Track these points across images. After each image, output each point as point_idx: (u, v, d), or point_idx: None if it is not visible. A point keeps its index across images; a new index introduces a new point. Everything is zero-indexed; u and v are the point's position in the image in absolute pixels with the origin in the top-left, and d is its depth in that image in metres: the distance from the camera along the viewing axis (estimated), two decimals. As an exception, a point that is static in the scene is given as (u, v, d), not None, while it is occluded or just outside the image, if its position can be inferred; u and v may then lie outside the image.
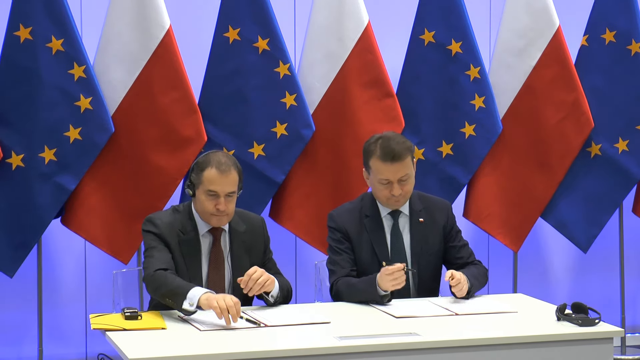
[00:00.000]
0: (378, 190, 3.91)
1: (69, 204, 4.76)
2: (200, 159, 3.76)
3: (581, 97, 5.22)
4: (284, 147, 4.93)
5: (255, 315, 3.52)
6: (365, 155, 3.93)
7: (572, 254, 5.74)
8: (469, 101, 5.16)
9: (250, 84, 4.89)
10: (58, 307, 5.04)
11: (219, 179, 3.69)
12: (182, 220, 3.79)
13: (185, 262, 3.74)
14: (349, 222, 3.99)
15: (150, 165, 4.77)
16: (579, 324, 3.42)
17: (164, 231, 3.74)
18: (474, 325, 3.47)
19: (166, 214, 3.83)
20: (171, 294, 3.51)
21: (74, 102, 4.64)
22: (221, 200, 3.69)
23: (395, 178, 3.85)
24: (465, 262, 4.02)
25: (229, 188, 3.71)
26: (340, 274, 3.90)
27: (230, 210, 3.74)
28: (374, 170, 3.89)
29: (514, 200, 5.30)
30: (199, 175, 3.72)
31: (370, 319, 3.57)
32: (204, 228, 3.79)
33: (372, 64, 5.01)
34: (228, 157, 3.76)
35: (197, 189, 3.73)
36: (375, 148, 3.88)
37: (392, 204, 3.94)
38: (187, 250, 3.75)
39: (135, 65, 4.73)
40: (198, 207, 3.76)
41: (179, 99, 4.75)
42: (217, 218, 3.73)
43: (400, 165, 3.85)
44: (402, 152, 3.85)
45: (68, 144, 4.65)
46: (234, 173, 3.73)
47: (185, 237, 3.76)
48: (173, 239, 3.74)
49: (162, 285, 3.55)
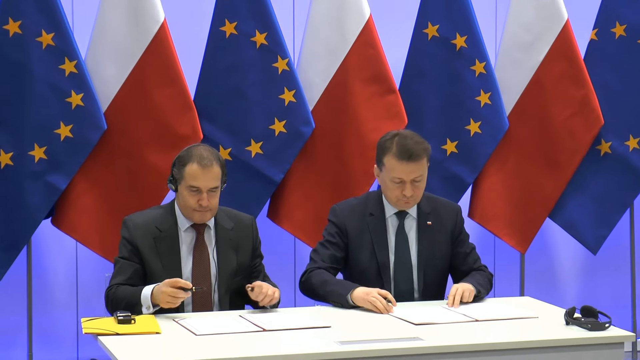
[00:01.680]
0: (389, 189, 3.91)
1: (59, 204, 4.76)
2: (182, 154, 3.79)
3: (590, 93, 5.22)
4: (283, 145, 4.93)
5: (254, 319, 3.52)
6: (380, 151, 3.93)
7: (581, 255, 5.74)
8: (474, 97, 5.16)
9: (248, 80, 4.89)
10: (48, 311, 5.04)
11: (201, 174, 3.72)
12: (162, 217, 3.82)
13: (162, 260, 3.76)
14: (351, 218, 3.99)
15: (144, 164, 4.77)
16: (589, 329, 3.42)
17: (135, 233, 3.77)
18: (480, 330, 3.48)
19: (144, 212, 3.88)
20: (129, 306, 3.58)
21: (65, 98, 4.64)
22: (204, 196, 3.72)
23: (409, 178, 3.85)
24: (470, 268, 4.02)
25: (211, 183, 3.73)
26: (318, 265, 3.94)
27: (213, 205, 3.76)
28: (387, 167, 3.89)
29: (520, 200, 5.30)
30: (180, 170, 3.75)
31: (371, 323, 3.58)
32: (186, 223, 3.81)
33: (373, 59, 5.01)
34: (210, 150, 3.79)
35: (179, 184, 3.76)
36: (391, 145, 3.88)
37: (401, 205, 3.94)
38: (164, 247, 3.78)
39: (128, 60, 4.73)
40: (180, 202, 3.79)
41: (173, 95, 4.75)
42: (200, 214, 3.75)
43: (416, 166, 3.85)
44: (420, 152, 3.86)
45: (59, 142, 4.65)
46: (216, 167, 3.75)
47: (163, 233, 3.78)
48: (146, 239, 3.77)
49: (117, 302, 3.64)
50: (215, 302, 3.81)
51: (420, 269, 3.97)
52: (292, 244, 5.35)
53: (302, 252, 5.34)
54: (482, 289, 3.89)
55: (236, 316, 3.60)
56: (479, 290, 3.85)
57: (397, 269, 3.97)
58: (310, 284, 3.89)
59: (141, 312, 3.55)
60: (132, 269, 3.76)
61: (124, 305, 3.60)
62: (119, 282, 3.72)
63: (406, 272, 3.97)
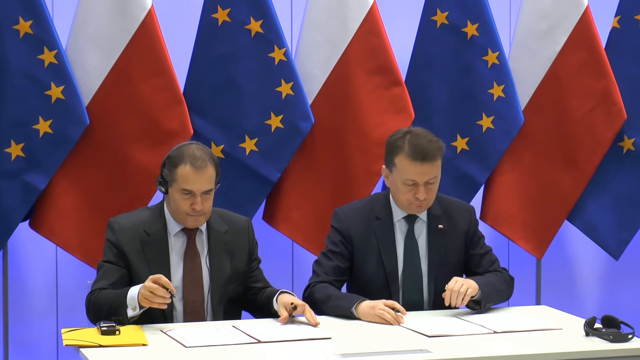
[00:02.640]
0: (400, 192, 3.88)
1: (38, 206, 4.75)
2: (172, 153, 3.77)
3: (612, 85, 5.22)
4: (280, 141, 4.92)
5: (248, 329, 3.51)
6: (390, 150, 3.90)
7: (601, 261, 5.74)
8: (487, 90, 5.16)
9: (242, 71, 4.89)
10: (26, 321, 5.03)
11: (195, 176, 3.70)
12: (150, 219, 3.81)
13: (150, 266, 3.75)
14: (355, 224, 3.97)
15: (130, 162, 4.76)
16: (610, 340, 3.41)
17: (121, 237, 3.76)
18: (495, 343, 3.47)
19: (131, 214, 3.87)
20: (113, 309, 3.56)
21: (44, 91, 4.63)
22: (197, 200, 3.70)
23: (422, 180, 3.83)
24: (485, 271, 4.00)
25: (205, 186, 3.72)
26: (321, 278, 3.92)
27: (207, 209, 3.75)
28: (399, 168, 3.86)
29: (536, 202, 5.29)
30: (171, 171, 3.73)
31: (376, 334, 3.57)
32: (176, 227, 3.80)
33: (378, 49, 5.01)
34: (203, 149, 3.78)
35: (171, 186, 3.74)
36: (403, 144, 3.85)
37: (413, 209, 3.92)
38: (152, 252, 3.77)
39: (112, 50, 4.72)
40: (172, 206, 3.78)
41: (161, 87, 4.75)
42: (193, 218, 3.74)
43: (430, 167, 3.83)
44: (434, 152, 3.84)
45: (37, 138, 4.64)
46: (210, 168, 3.74)
47: (151, 237, 3.77)
48: (133, 243, 3.76)
49: (100, 307, 3.61)
50: (208, 311, 3.80)
51: (431, 278, 3.95)
52: (290, 248, 5.35)
53: (300, 257, 5.34)
54: (490, 291, 3.85)
55: (229, 327, 3.59)
56: (483, 293, 3.81)
57: (405, 278, 3.96)
58: (313, 300, 3.87)
59: (126, 314, 3.53)
60: (118, 274, 3.74)
61: (108, 309, 3.58)
62: (102, 286, 3.71)
63: (416, 282, 3.96)
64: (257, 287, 3.90)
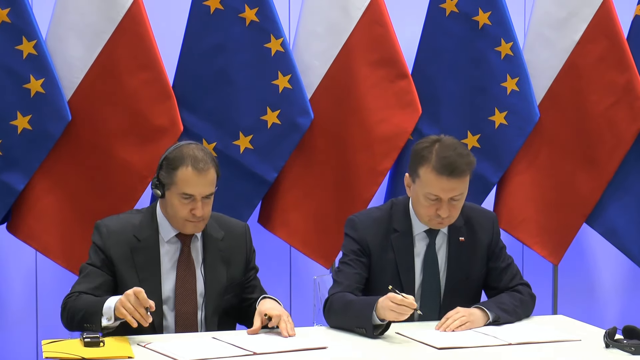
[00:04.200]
0: (421, 206, 3.86)
1: (16, 208, 4.76)
2: (171, 154, 3.76)
3: (634, 78, 5.23)
4: (276, 138, 4.93)
5: (241, 341, 3.52)
6: (415, 160, 3.86)
7: (623, 267, 5.75)
8: (500, 83, 5.17)
9: (236, 63, 4.89)
10: (3, 331, 5.04)
11: (196, 179, 3.70)
12: (140, 224, 3.81)
13: (139, 274, 3.75)
14: (373, 235, 3.95)
15: (115, 160, 4.77)
16: (632, 352, 3.42)
17: (108, 242, 3.76)
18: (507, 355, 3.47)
19: (119, 217, 3.86)
20: (87, 315, 3.55)
21: (22, 84, 4.64)
22: (198, 205, 3.70)
23: (446, 197, 3.80)
24: (506, 287, 3.99)
25: (207, 189, 3.72)
26: (342, 288, 3.88)
27: (207, 214, 3.75)
28: (423, 181, 3.83)
29: (553, 203, 5.30)
30: (170, 174, 3.72)
31: (375, 345, 3.57)
32: (169, 233, 3.80)
33: (382, 39, 5.02)
34: (204, 150, 3.77)
35: (168, 190, 3.74)
36: (429, 155, 3.81)
37: (434, 225, 3.90)
38: (142, 259, 3.77)
39: (96, 40, 4.73)
40: (169, 211, 3.77)
41: (149, 80, 4.75)
42: (193, 225, 3.74)
43: (457, 183, 3.80)
44: (463, 168, 3.80)
45: (15, 135, 4.64)
46: (211, 171, 3.74)
47: (141, 243, 3.78)
48: (122, 249, 3.76)
49: (75, 311, 3.60)
50: (201, 323, 3.80)
51: (448, 294, 3.94)
52: (287, 254, 5.35)
53: (298, 264, 5.34)
54: (506, 315, 3.85)
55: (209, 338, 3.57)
56: (497, 316, 3.82)
57: (422, 293, 3.95)
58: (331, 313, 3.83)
59: (100, 323, 3.52)
60: (102, 279, 3.74)
61: (82, 315, 3.58)
62: (82, 290, 3.70)
63: (433, 297, 3.95)
64: (253, 299, 3.89)
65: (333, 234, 4.97)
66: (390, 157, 5.04)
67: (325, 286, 4.09)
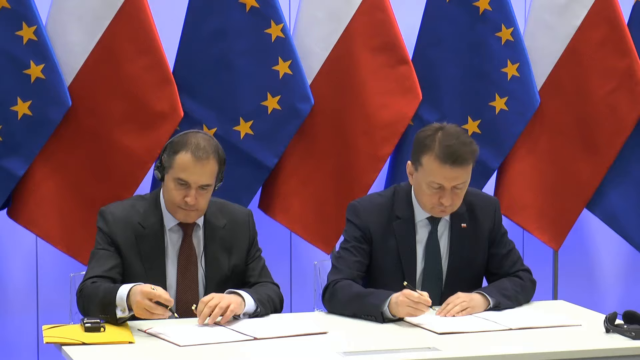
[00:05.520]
0: (424, 194, 3.86)
1: (16, 193, 4.76)
2: (176, 139, 3.76)
3: (635, 63, 5.22)
4: (277, 124, 4.93)
5: (242, 326, 3.52)
6: (418, 148, 3.85)
7: (623, 253, 5.75)
8: (500, 69, 5.16)
9: (236, 49, 4.89)
10: (4, 317, 5.04)
11: (193, 166, 3.69)
12: (145, 211, 3.80)
13: (144, 263, 3.75)
14: (375, 221, 3.95)
15: (115, 146, 4.77)
16: (632, 337, 3.42)
17: (114, 228, 3.76)
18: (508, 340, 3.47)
19: (124, 204, 3.85)
20: (101, 305, 3.52)
21: (22, 70, 4.63)
22: (192, 193, 3.69)
23: (449, 185, 3.80)
24: (506, 273, 4.00)
25: (203, 179, 3.70)
26: (343, 275, 3.88)
27: (201, 205, 3.73)
28: (425, 169, 3.82)
29: (554, 189, 5.30)
30: (170, 157, 3.73)
31: (374, 330, 3.58)
32: (172, 221, 3.79)
33: (382, 24, 5.01)
34: (209, 140, 3.75)
35: (167, 173, 3.74)
36: (432, 143, 3.80)
37: (436, 213, 3.90)
38: (147, 247, 3.77)
39: (96, 26, 4.72)
40: (165, 195, 3.78)
41: (149, 66, 4.75)
42: (184, 212, 3.73)
43: (460, 171, 3.79)
44: (466, 156, 3.79)
45: (15, 121, 4.64)
46: (212, 162, 3.72)
47: (146, 231, 3.77)
48: (127, 236, 3.76)
49: (90, 298, 3.57)
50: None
51: (450, 281, 3.94)
52: (288, 239, 5.36)
53: (298, 249, 5.34)
54: (506, 300, 3.86)
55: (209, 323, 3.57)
56: (498, 301, 3.83)
57: (424, 280, 3.96)
58: (333, 301, 3.83)
59: (115, 315, 3.52)
60: (114, 261, 3.73)
61: (97, 304, 3.55)
62: (96, 274, 3.67)
63: (434, 284, 3.95)
64: (250, 283, 3.89)
65: (333, 219, 4.98)
66: (390, 142, 5.04)
67: (325, 271, 4.09)
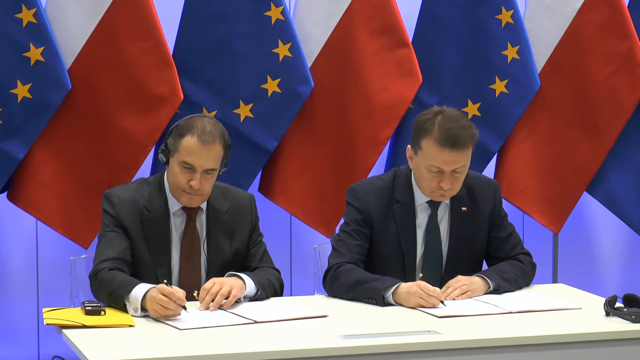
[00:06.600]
0: (423, 178, 3.85)
1: (16, 177, 4.76)
2: (182, 122, 3.75)
3: (636, 46, 5.21)
4: (277, 107, 4.93)
5: (242, 310, 3.52)
6: (417, 131, 3.84)
7: (623, 236, 5.75)
8: (500, 52, 5.16)
9: (236, 31, 4.88)
10: (5, 300, 5.05)
11: (199, 150, 3.68)
12: (149, 195, 3.79)
13: (149, 247, 3.75)
14: (375, 205, 3.94)
15: (115, 129, 4.76)
16: (632, 320, 3.42)
17: (121, 211, 3.75)
18: (508, 324, 3.48)
19: (129, 187, 3.84)
20: (114, 296, 3.51)
21: (22, 52, 4.62)
22: (196, 177, 3.69)
23: (449, 169, 3.79)
24: (506, 256, 4.00)
25: (208, 164, 3.70)
26: (345, 258, 3.87)
27: (205, 190, 3.73)
28: (425, 153, 3.81)
29: (554, 172, 5.30)
30: (176, 141, 3.72)
31: (374, 313, 3.59)
32: (176, 205, 3.79)
33: (382, 7, 5.00)
34: (215, 125, 3.74)
35: (172, 157, 3.73)
36: (432, 127, 3.79)
37: (436, 197, 3.89)
38: (152, 231, 3.76)
39: (96, 8, 4.71)
40: (169, 178, 3.77)
41: (149, 49, 4.74)
42: (188, 196, 3.73)
43: (460, 155, 3.78)
44: (466, 140, 3.78)
45: (15, 104, 4.64)
46: (218, 146, 3.72)
47: (151, 214, 3.77)
48: (133, 220, 3.75)
49: (105, 286, 3.54)
50: None
51: (450, 265, 3.94)
52: (288, 222, 5.36)
53: (299, 232, 5.35)
54: (506, 284, 3.86)
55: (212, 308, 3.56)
56: (498, 285, 3.83)
57: (424, 264, 3.95)
58: (335, 285, 3.82)
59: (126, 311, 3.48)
60: (125, 244, 3.71)
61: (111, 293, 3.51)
62: (110, 256, 3.65)
63: (434, 268, 3.95)
64: (251, 268, 3.89)
65: (333, 202, 4.98)
66: (390, 126, 5.03)
67: (325, 254, 4.08)
